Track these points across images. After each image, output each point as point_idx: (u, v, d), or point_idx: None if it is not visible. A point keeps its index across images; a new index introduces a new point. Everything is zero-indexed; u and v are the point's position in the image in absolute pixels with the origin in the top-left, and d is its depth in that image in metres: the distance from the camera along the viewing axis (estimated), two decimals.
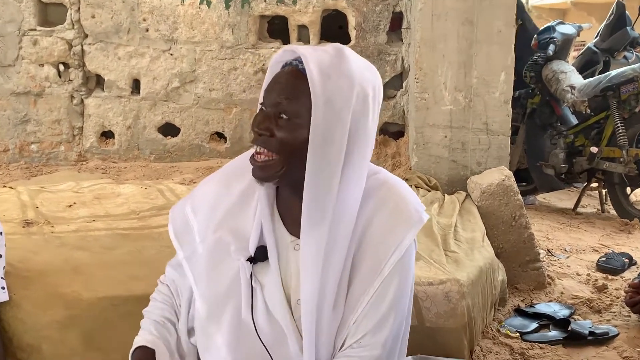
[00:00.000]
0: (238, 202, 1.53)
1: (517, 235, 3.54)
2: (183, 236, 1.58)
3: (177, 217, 1.61)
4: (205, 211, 1.55)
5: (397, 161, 4.67)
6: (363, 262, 1.44)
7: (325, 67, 1.36)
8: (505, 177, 3.60)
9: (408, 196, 1.49)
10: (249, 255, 1.47)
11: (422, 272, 2.71)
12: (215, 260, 1.51)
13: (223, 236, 1.50)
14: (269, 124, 1.39)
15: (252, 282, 1.47)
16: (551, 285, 3.57)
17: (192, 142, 5.09)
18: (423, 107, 3.93)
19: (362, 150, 1.42)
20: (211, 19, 4.96)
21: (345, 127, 1.36)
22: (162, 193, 3.70)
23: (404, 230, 1.44)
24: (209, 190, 1.57)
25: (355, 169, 1.41)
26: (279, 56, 1.45)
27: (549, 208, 5.66)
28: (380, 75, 1.49)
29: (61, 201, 3.44)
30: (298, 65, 1.40)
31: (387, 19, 4.86)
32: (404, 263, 1.44)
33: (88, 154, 5.15)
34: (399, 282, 1.43)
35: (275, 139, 1.38)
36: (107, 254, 2.71)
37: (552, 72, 5.35)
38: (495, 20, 3.83)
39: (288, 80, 1.39)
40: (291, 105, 1.37)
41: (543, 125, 5.51)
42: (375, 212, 1.45)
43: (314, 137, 1.35)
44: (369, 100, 1.40)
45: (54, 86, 5.10)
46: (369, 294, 1.43)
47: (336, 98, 1.35)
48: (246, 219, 1.51)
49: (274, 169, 1.40)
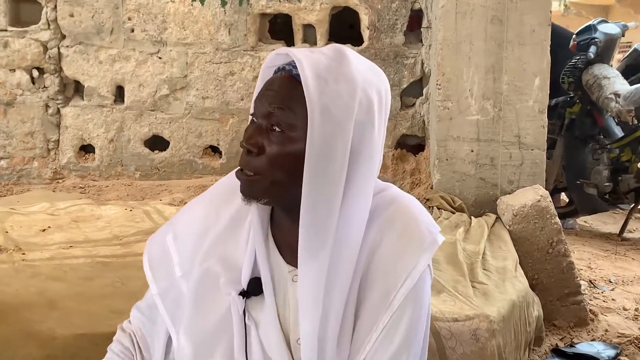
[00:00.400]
0: (228, 228, 1.52)
1: (555, 264, 3.53)
2: (159, 268, 1.57)
3: (154, 246, 1.60)
4: (191, 239, 1.54)
5: (417, 179, 4.67)
6: (371, 293, 1.43)
7: (322, 72, 1.35)
8: (541, 197, 3.59)
9: (419, 215, 1.48)
10: (241, 289, 1.46)
11: (446, 307, 2.70)
12: (203, 294, 1.49)
13: (211, 267, 1.49)
14: (259, 138, 1.38)
15: (245, 319, 1.46)
16: (594, 322, 3.55)
17: (182, 157, 5.11)
18: (446, 117, 3.94)
19: (368, 165, 1.40)
20: (205, 18, 5.00)
21: (347, 139, 1.35)
22: (149, 215, 3.71)
23: (416, 255, 1.43)
24: (195, 215, 1.57)
25: (360, 187, 1.40)
26: (271, 60, 1.45)
27: (591, 233, 5.64)
28: (395, 80, 1.49)
29: (34, 225, 3.45)
30: (292, 70, 1.39)
31: (405, 17, 4.89)
32: (417, 292, 1.43)
33: (65, 171, 5.18)
34: (411, 316, 1.42)
35: (266, 157, 1.38)
36: (85, 286, 2.71)
37: (594, 78, 5.35)
38: (528, 17, 3.84)
39: (280, 87, 1.39)
40: (284, 116, 1.37)
41: (584, 138, 5.51)
42: (382, 234, 1.44)
43: (311, 152, 1.34)
44: (373, 108, 1.39)
45: (26, 94, 5.13)
46: (377, 329, 1.41)
47: (335, 106, 1.34)
48: (237, 247, 1.50)
49: (261, 187, 1.39)
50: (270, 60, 1.45)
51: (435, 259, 3.18)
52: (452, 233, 3.51)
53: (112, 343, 1.67)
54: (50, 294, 2.59)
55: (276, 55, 1.44)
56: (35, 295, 2.56)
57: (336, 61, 1.38)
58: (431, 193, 3.99)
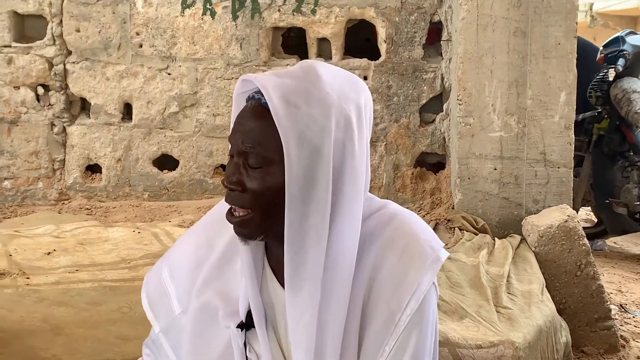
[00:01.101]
0: (223, 259, 1.53)
1: (584, 287, 3.51)
2: (158, 306, 1.59)
3: (151, 283, 1.62)
4: (185, 273, 1.55)
5: (437, 198, 4.66)
6: (374, 317, 1.42)
7: (292, 96, 1.34)
8: (568, 217, 3.58)
9: (420, 232, 1.47)
10: (240, 321, 1.47)
11: (469, 333, 2.69)
12: (202, 329, 1.50)
13: (209, 300, 1.50)
14: (239, 176, 1.38)
15: (246, 352, 1.46)
16: (625, 349, 3.53)
17: (192, 176, 5.13)
18: (467, 133, 3.93)
19: (353, 185, 1.40)
20: (216, 32, 5.03)
21: (327, 163, 1.35)
22: (158, 237, 3.72)
23: (419, 275, 1.42)
24: (187, 249, 1.58)
25: (349, 208, 1.40)
26: (239, 88, 1.44)
27: (621, 255, 5.60)
28: (414, 95, 1.48)
29: (39, 248, 3.47)
30: (261, 98, 1.38)
31: (424, 30, 4.90)
32: (422, 313, 1.42)
33: (71, 192, 5.20)
34: (418, 337, 1.41)
35: (249, 194, 1.38)
36: (92, 311, 2.72)
37: (623, 92, 5.34)
38: (553, 30, 3.84)
39: (250, 122, 1.38)
40: (259, 153, 1.37)
41: (612, 155, 5.49)
42: (382, 255, 1.43)
43: (290, 182, 1.34)
44: (352, 124, 1.38)
45: (31, 112, 5.17)
46: (384, 354, 1.41)
47: (311, 131, 1.33)
48: (234, 278, 1.51)
49: (253, 225, 1.40)
50: (240, 87, 1.45)
51: (458, 283, 3.17)
52: (475, 255, 3.50)
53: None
54: (55, 319, 2.60)
55: (242, 82, 1.43)
56: (40, 321, 2.57)
57: (306, 81, 1.38)
58: (452, 213, 3.98)
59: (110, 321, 2.62)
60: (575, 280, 3.51)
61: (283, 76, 1.38)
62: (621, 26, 11.36)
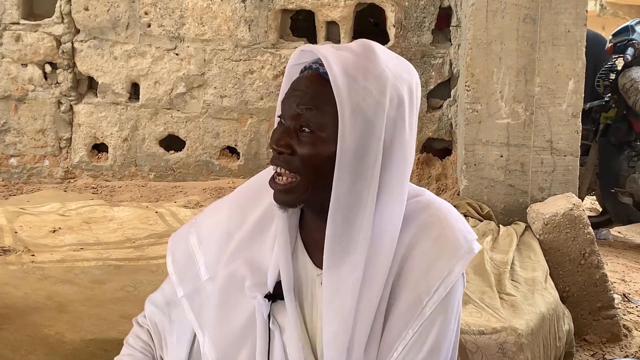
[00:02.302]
0: (254, 231, 1.53)
1: (587, 276, 3.51)
2: (184, 271, 1.59)
3: (178, 248, 1.62)
4: (215, 242, 1.56)
5: (443, 184, 4.66)
6: (401, 298, 1.43)
7: (350, 69, 1.36)
8: (574, 205, 3.57)
9: (456, 222, 1.48)
10: (267, 292, 1.47)
11: (472, 319, 2.69)
12: (227, 298, 1.51)
13: (237, 269, 1.50)
14: (289, 139, 1.39)
15: (269, 324, 1.46)
16: (628, 338, 3.53)
17: (199, 157, 5.13)
18: (475, 120, 3.92)
19: (400, 166, 1.41)
20: (224, 14, 5.01)
21: (379, 137, 1.36)
22: (163, 218, 3.72)
23: (451, 262, 1.43)
24: (220, 219, 1.58)
25: (395, 188, 1.41)
26: (296, 58, 1.46)
27: (625, 244, 5.60)
28: (422, 81, 1.49)
29: (44, 225, 3.47)
30: (319, 68, 1.40)
31: (433, 15, 4.88)
32: (449, 301, 1.43)
33: (77, 170, 5.21)
34: (441, 324, 1.42)
35: (298, 157, 1.39)
36: (96, 289, 2.72)
37: (631, 81, 5.32)
38: (563, 17, 3.82)
39: (308, 87, 1.40)
40: (314, 117, 1.38)
41: (619, 144, 5.48)
42: (417, 239, 1.44)
43: (342, 151, 1.35)
44: (404, 104, 1.40)
45: (38, 90, 5.17)
46: (406, 337, 1.42)
47: (366, 103, 1.35)
48: (264, 250, 1.51)
49: (299, 192, 1.40)
50: (296, 58, 1.46)
51: None
52: (480, 242, 3.50)
53: (129, 337, 1.70)
54: (59, 297, 2.60)
55: (301, 52, 1.45)
56: (44, 299, 2.58)
57: (364, 57, 1.39)
58: (458, 199, 3.98)
59: (115, 300, 2.62)
60: (579, 268, 3.51)
61: (342, 49, 1.41)
62: (631, 15, 11.30)
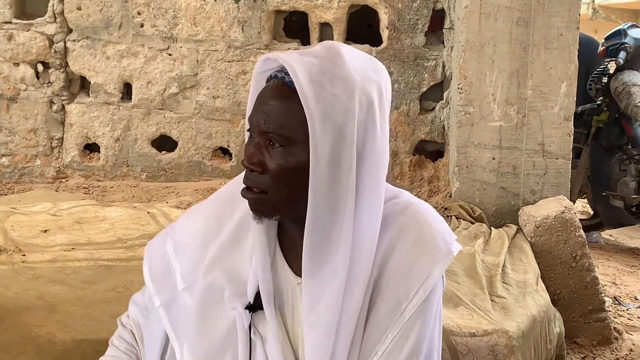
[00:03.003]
0: (232, 239, 1.52)
1: (578, 279, 3.51)
2: (161, 280, 1.58)
3: (154, 257, 1.61)
4: (192, 250, 1.54)
5: (435, 186, 4.66)
6: (381, 302, 1.42)
7: (316, 75, 1.33)
8: (565, 208, 3.58)
9: (434, 224, 1.47)
10: (247, 302, 1.46)
11: (464, 321, 2.69)
12: (206, 309, 1.49)
13: (216, 280, 1.49)
14: (260, 156, 1.37)
15: (251, 334, 1.45)
16: (618, 341, 3.54)
17: (191, 158, 5.12)
18: (467, 122, 3.93)
19: (375, 169, 1.40)
20: (217, 14, 5.01)
21: (351, 143, 1.34)
22: (155, 218, 3.71)
23: (430, 265, 1.42)
24: (196, 225, 1.56)
25: (371, 192, 1.39)
26: (260, 66, 1.43)
27: (616, 247, 5.61)
28: (415, 83, 1.47)
29: (35, 225, 3.46)
30: (284, 77, 1.37)
31: (427, 17, 4.88)
32: (428, 304, 1.43)
33: (68, 170, 5.20)
34: (421, 327, 1.42)
35: (269, 175, 1.36)
36: (87, 290, 2.71)
37: (623, 85, 5.33)
38: (555, 20, 3.84)
39: (274, 100, 1.37)
40: (283, 132, 1.35)
41: (611, 148, 5.49)
42: (395, 242, 1.43)
43: (315, 162, 1.33)
44: (374, 106, 1.38)
45: (30, 89, 5.16)
46: (386, 340, 1.41)
47: (335, 110, 1.33)
48: (242, 259, 1.50)
49: (269, 207, 1.39)
50: (260, 66, 1.43)
51: (453, 271, 3.17)
52: (471, 244, 3.50)
53: (114, 338, 1.70)
54: (50, 297, 2.59)
55: (265, 60, 1.42)
56: (35, 299, 2.57)
57: (329, 61, 1.37)
58: (450, 202, 3.98)
59: (106, 300, 2.62)
60: (570, 271, 3.52)
61: (306, 55, 1.38)
62: (623, 19, 11.33)
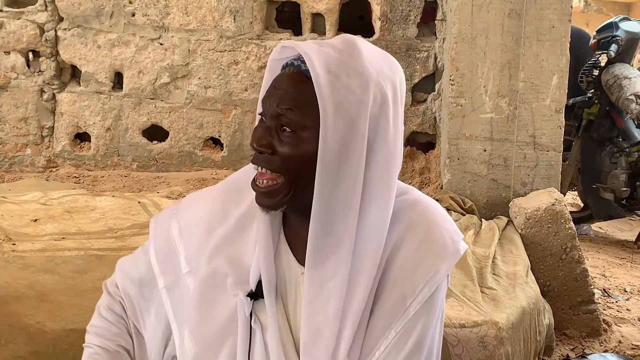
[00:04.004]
0: (236, 228, 1.52)
1: (568, 271, 3.53)
2: (166, 262, 1.58)
3: (160, 237, 1.60)
4: (196, 235, 1.54)
5: (426, 178, 4.67)
6: (386, 297, 1.42)
7: (333, 66, 1.34)
8: (555, 200, 3.59)
9: (443, 222, 1.47)
10: (249, 290, 1.46)
11: (454, 312, 2.70)
12: (209, 295, 1.49)
13: (219, 266, 1.49)
14: (270, 139, 1.38)
15: (251, 322, 1.46)
16: (607, 332, 3.55)
17: (182, 148, 5.11)
18: (458, 114, 3.93)
19: (386, 165, 1.40)
20: (209, 4, 4.99)
21: (362, 136, 1.35)
22: (145, 208, 3.71)
23: (436, 263, 1.42)
24: (202, 212, 1.56)
25: (381, 188, 1.39)
26: (277, 53, 1.44)
27: (606, 240, 5.63)
28: (407, 74, 1.47)
29: (25, 214, 3.45)
30: (300, 65, 1.38)
31: (419, 8, 4.87)
32: (433, 301, 1.43)
33: (59, 159, 5.18)
34: (425, 324, 1.42)
35: (279, 157, 1.37)
36: (78, 279, 2.71)
37: (614, 78, 5.34)
38: (548, 12, 3.84)
39: (289, 85, 1.38)
40: (295, 116, 1.36)
41: (601, 140, 5.50)
42: (403, 239, 1.43)
43: (324, 151, 1.33)
44: (388, 101, 1.38)
45: (21, 78, 5.13)
46: (389, 336, 1.41)
47: (348, 102, 1.34)
48: (246, 247, 1.50)
49: (281, 194, 1.39)
50: (277, 53, 1.44)
51: None
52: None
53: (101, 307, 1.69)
54: (40, 286, 2.59)
55: (282, 47, 1.43)
56: (25, 288, 2.56)
57: (347, 54, 1.37)
58: (441, 193, 3.98)
59: (96, 290, 2.60)
60: (560, 263, 3.53)
61: (324, 46, 1.38)
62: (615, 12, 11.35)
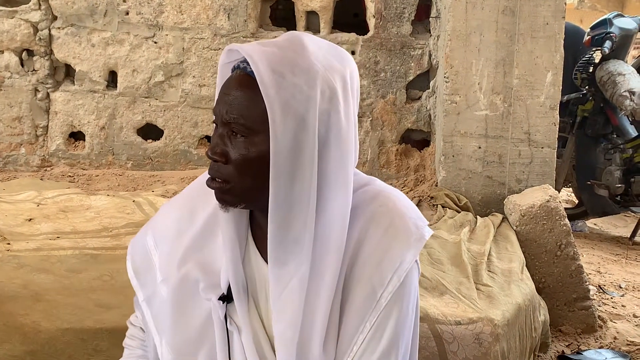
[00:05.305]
0: (204, 231, 1.53)
1: (563, 267, 3.53)
2: (144, 274, 1.59)
3: (137, 252, 1.62)
4: (167, 243, 1.55)
5: (421, 175, 4.67)
6: (356, 292, 1.43)
7: (277, 65, 1.34)
8: (550, 197, 3.59)
9: (405, 210, 1.47)
10: (221, 293, 1.47)
11: (449, 309, 2.70)
12: (182, 301, 1.50)
13: (190, 272, 1.50)
14: (223, 147, 1.39)
15: (227, 325, 1.46)
16: (602, 329, 3.56)
17: (177, 147, 5.11)
18: (453, 111, 3.93)
19: (340, 159, 1.40)
20: (203, 2, 4.98)
21: (312, 132, 1.35)
22: (140, 207, 3.71)
23: (402, 251, 1.42)
24: (170, 220, 1.58)
25: (337, 182, 1.39)
26: (226, 57, 1.44)
27: (601, 236, 5.64)
28: (401, 71, 1.47)
29: (20, 214, 3.45)
30: (247, 67, 1.38)
31: (413, 6, 4.87)
32: (404, 290, 1.43)
33: (53, 159, 5.17)
34: (399, 314, 1.43)
35: (232, 165, 1.38)
36: (73, 278, 2.71)
37: (608, 74, 5.35)
38: (542, 9, 3.84)
39: (236, 91, 1.38)
40: (245, 121, 1.36)
41: (596, 137, 5.51)
42: (367, 231, 1.44)
43: (275, 151, 1.33)
44: (338, 97, 1.38)
45: (15, 77, 5.12)
46: (364, 330, 1.42)
47: (296, 101, 1.33)
48: (215, 250, 1.51)
49: (233, 195, 1.40)
50: (226, 56, 1.44)
51: (439, 260, 3.18)
52: (457, 233, 3.51)
53: (126, 339, 1.71)
54: (35, 286, 2.58)
55: (228, 51, 1.43)
56: (20, 287, 2.56)
57: (292, 51, 1.38)
58: (436, 191, 3.99)
59: (91, 289, 2.61)
60: (555, 260, 3.53)
61: (268, 45, 1.38)
62: (609, 9, 11.35)
